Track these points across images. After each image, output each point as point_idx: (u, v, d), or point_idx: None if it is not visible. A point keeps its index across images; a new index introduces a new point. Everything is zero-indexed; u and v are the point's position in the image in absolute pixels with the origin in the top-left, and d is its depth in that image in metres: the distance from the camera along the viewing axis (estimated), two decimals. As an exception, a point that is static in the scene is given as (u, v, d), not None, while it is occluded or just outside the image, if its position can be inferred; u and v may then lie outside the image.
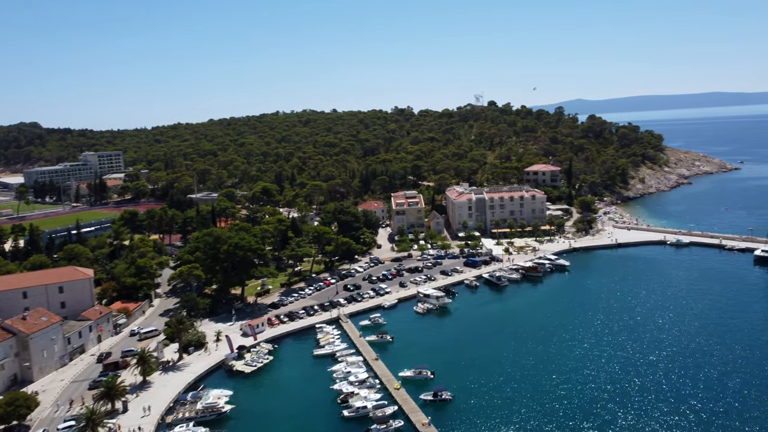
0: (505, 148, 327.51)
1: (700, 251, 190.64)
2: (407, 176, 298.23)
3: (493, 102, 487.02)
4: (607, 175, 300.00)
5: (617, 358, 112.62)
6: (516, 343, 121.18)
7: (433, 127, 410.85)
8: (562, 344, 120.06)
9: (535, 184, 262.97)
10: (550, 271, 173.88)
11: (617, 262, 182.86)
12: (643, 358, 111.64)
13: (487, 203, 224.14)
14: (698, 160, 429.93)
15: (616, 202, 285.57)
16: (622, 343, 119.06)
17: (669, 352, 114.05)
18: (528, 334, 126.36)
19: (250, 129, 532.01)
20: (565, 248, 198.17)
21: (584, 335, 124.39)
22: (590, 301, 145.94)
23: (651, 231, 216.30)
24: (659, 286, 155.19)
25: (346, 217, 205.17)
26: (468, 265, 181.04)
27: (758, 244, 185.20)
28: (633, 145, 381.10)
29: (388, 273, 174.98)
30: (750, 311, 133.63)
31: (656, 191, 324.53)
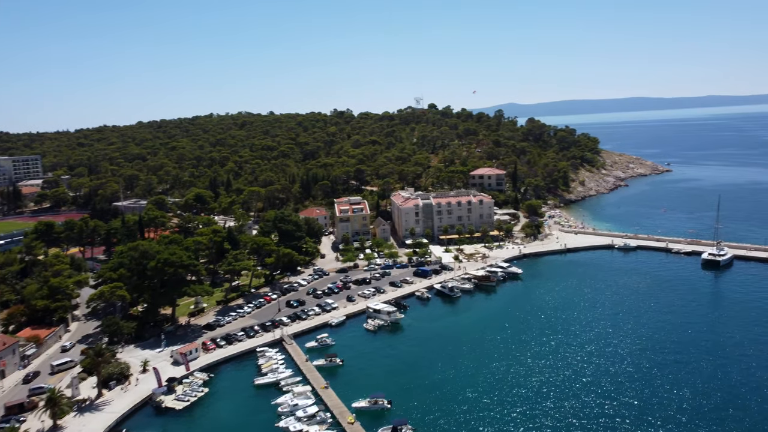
0: (449, 152, 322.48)
1: (647, 255, 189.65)
2: (350, 181, 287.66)
3: (434, 105, 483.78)
4: (549, 178, 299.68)
5: (580, 374, 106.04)
6: (475, 364, 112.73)
7: (374, 130, 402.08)
8: (522, 362, 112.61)
9: (481, 188, 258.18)
10: (503, 280, 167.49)
11: (568, 268, 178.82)
12: (608, 377, 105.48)
13: (435, 209, 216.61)
14: (632, 163, 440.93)
15: (559, 205, 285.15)
16: (585, 358, 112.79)
17: (630, 368, 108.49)
18: (486, 351, 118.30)
19: (182, 132, 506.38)
20: (515, 254, 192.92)
21: (544, 350, 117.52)
22: (546, 312, 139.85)
23: (598, 235, 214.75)
24: (613, 294, 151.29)
25: (287, 226, 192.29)
26: (418, 275, 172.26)
27: (704, 247, 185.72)
28: (571, 147, 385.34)
29: (333, 286, 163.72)
30: (702, 316, 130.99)
31: (596, 193, 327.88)
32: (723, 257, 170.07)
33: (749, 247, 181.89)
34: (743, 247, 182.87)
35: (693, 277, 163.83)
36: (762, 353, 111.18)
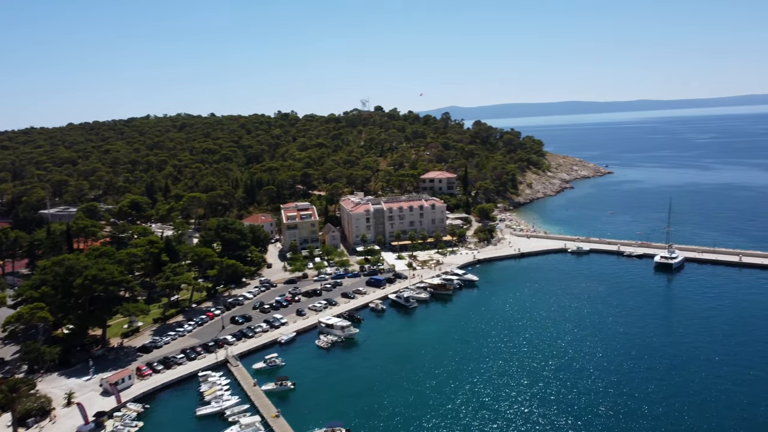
0: (398, 155, 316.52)
1: (600, 259, 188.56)
2: (296, 185, 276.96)
3: (380, 107, 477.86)
4: (498, 181, 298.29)
5: (548, 393, 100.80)
6: (437, 383, 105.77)
7: (320, 132, 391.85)
8: (487, 379, 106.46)
9: (431, 192, 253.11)
10: (459, 288, 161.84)
11: (523, 273, 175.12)
12: (576, 393, 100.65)
13: (386, 214, 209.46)
14: (575, 165, 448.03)
15: (508, 207, 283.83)
16: (551, 375, 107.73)
17: (595, 383, 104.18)
18: (447, 368, 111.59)
19: (116, 134, 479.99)
20: (469, 260, 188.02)
21: (507, 367, 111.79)
22: (505, 323, 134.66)
23: (550, 239, 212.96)
24: (570, 301, 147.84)
25: (230, 235, 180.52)
26: (371, 285, 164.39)
27: (655, 250, 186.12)
28: (518, 150, 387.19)
29: (282, 299, 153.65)
30: (662, 324, 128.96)
31: (543, 196, 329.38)
32: (675, 260, 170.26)
33: (698, 249, 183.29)
34: (692, 249, 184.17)
35: (647, 281, 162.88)
36: (725, 361, 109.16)
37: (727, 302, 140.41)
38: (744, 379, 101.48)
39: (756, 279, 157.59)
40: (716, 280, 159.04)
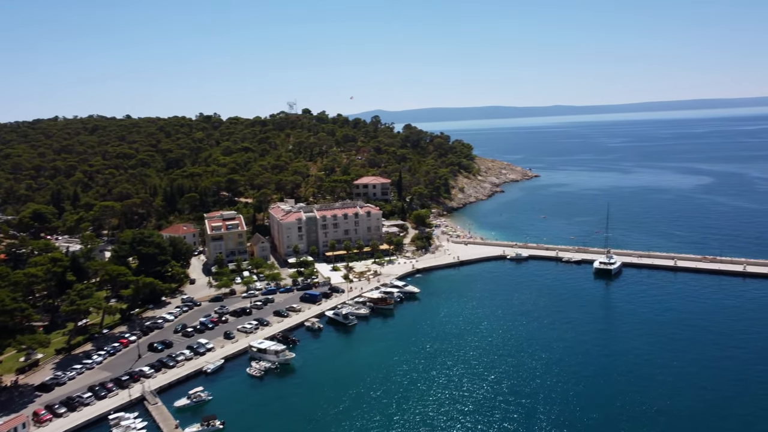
0: (329, 159, 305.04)
1: (539, 265, 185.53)
2: (221, 192, 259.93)
3: (308, 110, 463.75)
4: (432, 185, 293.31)
5: (504, 419, 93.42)
6: (383, 411, 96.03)
7: (246, 136, 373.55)
8: (438, 407, 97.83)
9: (366, 198, 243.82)
10: (400, 301, 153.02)
11: (464, 283, 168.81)
12: (523, 414, 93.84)
13: (319, 222, 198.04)
14: (504, 168, 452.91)
15: (442, 213, 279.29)
16: (502, 399, 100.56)
17: (547, 406, 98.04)
18: (394, 395, 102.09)
19: (18, 137, 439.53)
20: (408, 270, 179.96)
21: (459, 393, 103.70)
22: (450, 339, 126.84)
23: (488, 245, 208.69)
24: (514, 313, 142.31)
25: (148, 249, 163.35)
26: (306, 301, 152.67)
27: (593, 255, 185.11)
28: (448, 154, 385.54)
29: (207, 320, 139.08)
30: (607, 333, 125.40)
31: (475, 200, 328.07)
32: (613, 266, 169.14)
33: (634, 254, 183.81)
34: (628, 254, 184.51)
35: (588, 288, 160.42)
36: (670, 370, 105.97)
37: (667, 308, 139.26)
38: (690, 386, 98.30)
39: (691, 283, 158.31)
40: (654, 285, 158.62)
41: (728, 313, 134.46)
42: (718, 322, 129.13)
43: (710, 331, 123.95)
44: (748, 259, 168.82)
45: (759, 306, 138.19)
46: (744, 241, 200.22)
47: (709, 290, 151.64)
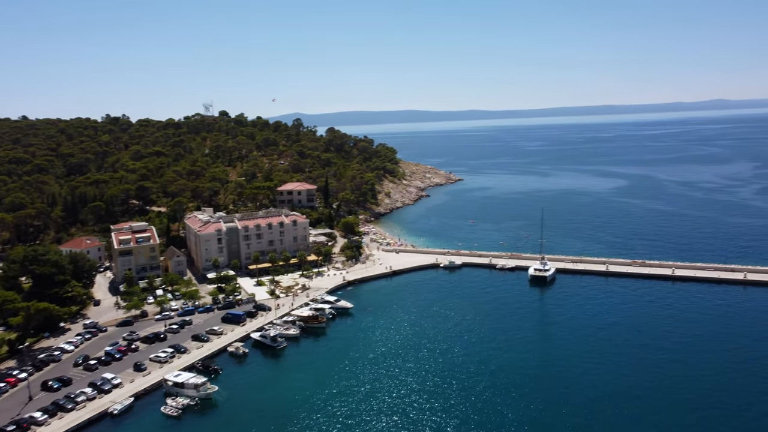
0: (249, 164, 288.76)
1: (473, 273, 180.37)
2: (131, 201, 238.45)
3: (225, 112, 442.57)
4: (358, 191, 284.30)
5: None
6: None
7: (158, 139, 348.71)
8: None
9: (291, 205, 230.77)
10: (332, 318, 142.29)
11: (399, 296, 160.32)
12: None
13: (241, 233, 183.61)
14: (428, 172, 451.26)
15: (370, 219, 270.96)
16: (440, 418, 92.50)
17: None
18: (332, 430, 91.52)
19: None
20: (339, 282, 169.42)
21: (401, 421, 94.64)
22: (389, 361, 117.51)
23: (420, 253, 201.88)
24: (452, 327, 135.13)
25: (43, 268, 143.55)
26: (228, 321, 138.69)
27: (527, 261, 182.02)
28: (373, 158, 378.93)
29: (114, 349, 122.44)
30: (548, 347, 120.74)
31: (402, 205, 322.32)
32: (548, 273, 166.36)
33: (566, 259, 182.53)
34: (561, 259, 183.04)
35: (524, 297, 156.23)
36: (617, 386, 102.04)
37: (605, 317, 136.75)
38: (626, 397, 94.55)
39: (623, 288, 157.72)
40: (589, 292, 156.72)
41: (662, 318, 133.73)
42: (655, 328, 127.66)
43: (650, 339, 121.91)
44: (675, 263, 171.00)
45: (690, 309, 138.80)
46: (667, 244, 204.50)
47: (641, 295, 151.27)
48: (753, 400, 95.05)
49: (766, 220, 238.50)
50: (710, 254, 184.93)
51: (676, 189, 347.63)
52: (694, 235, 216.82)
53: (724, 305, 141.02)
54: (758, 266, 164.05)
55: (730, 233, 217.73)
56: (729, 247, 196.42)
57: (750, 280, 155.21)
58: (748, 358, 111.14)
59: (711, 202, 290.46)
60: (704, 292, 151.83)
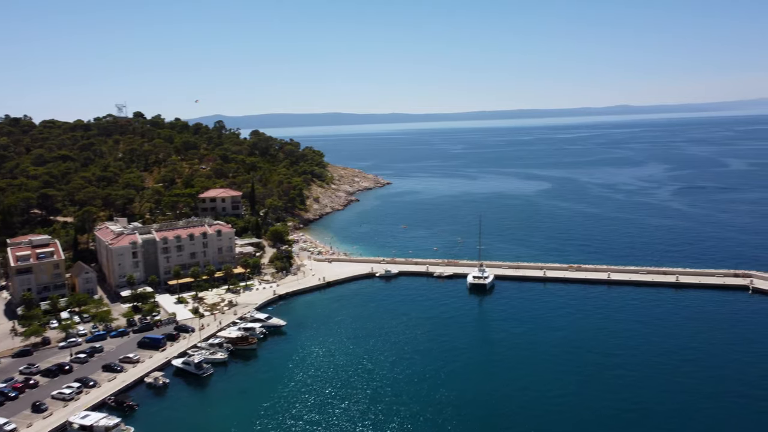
0: (168, 169, 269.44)
1: (411, 282, 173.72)
2: (32, 210, 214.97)
3: (140, 113, 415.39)
4: (286, 197, 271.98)
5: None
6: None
7: (64, 142, 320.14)
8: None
9: (214, 214, 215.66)
10: (264, 338, 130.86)
11: (334, 309, 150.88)
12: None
13: (159, 245, 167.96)
14: (356, 176, 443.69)
15: (299, 226, 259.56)
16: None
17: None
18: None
19: None
20: (269, 297, 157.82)
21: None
22: (328, 387, 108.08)
23: (354, 261, 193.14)
24: (391, 340, 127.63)
25: None
26: (146, 347, 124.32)
27: (464, 268, 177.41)
28: (300, 162, 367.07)
29: (8, 387, 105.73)
30: (483, 354, 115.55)
31: (332, 210, 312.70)
32: (487, 280, 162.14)
33: (504, 265, 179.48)
34: (498, 265, 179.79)
35: (464, 306, 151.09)
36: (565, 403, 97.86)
37: (545, 324, 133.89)
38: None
39: (561, 294, 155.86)
40: (528, 298, 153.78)
41: (602, 324, 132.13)
42: (597, 336, 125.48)
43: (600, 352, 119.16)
44: (610, 267, 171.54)
45: (627, 313, 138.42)
46: (599, 247, 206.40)
47: (580, 301, 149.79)
48: (677, 399, 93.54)
49: (686, 221, 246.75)
50: (640, 256, 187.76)
51: (598, 191, 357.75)
52: (622, 238, 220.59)
53: (659, 308, 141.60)
54: (688, 268, 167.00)
55: (655, 235, 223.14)
56: (657, 249, 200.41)
57: (682, 283, 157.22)
58: (685, 358, 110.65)
59: (632, 204, 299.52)
60: (639, 295, 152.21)
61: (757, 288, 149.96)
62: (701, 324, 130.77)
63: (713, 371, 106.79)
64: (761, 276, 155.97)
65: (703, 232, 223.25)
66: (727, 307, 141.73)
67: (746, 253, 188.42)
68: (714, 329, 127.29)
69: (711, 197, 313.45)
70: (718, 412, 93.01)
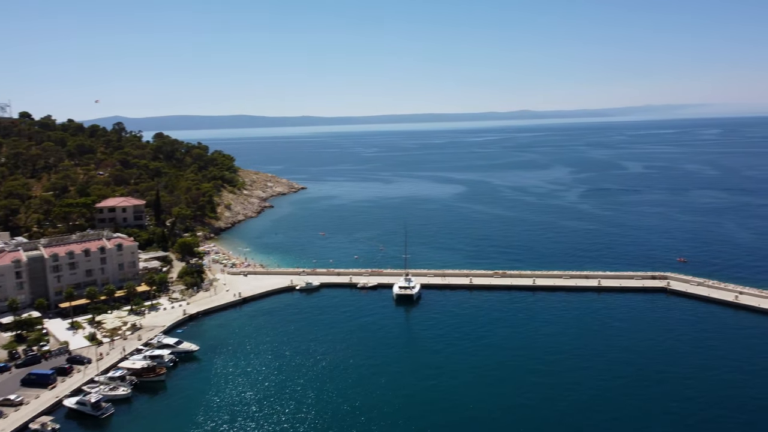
0: (59, 176, 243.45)
1: (333, 294, 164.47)
2: None
3: (27, 113, 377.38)
4: (195, 204, 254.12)
5: None
6: None
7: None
8: None
9: (114, 225, 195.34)
10: (174, 366, 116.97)
11: (252, 327, 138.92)
12: None
13: (49, 263, 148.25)
14: (270, 181, 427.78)
15: (210, 236, 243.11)
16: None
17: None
18: None
19: None
20: (178, 318, 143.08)
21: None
22: (249, 418, 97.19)
23: (272, 274, 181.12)
24: (316, 362, 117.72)
25: None
26: (32, 384, 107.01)
27: (389, 278, 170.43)
28: (209, 167, 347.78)
29: None
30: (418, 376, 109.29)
31: (245, 218, 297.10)
32: (414, 290, 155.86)
33: (429, 274, 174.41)
34: (423, 273, 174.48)
35: (391, 318, 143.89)
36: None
37: (475, 334, 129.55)
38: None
39: (489, 301, 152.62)
40: (456, 308, 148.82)
41: (530, 331, 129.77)
42: (526, 344, 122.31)
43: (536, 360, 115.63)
44: (535, 272, 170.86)
45: (555, 318, 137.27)
46: (520, 251, 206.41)
47: (507, 308, 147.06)
48: (613, 401, 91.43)
49: (598, 224, 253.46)
50: (561, 260, 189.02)
51: (512, 194, 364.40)
52: (542, 241, 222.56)
53: (585, 313, 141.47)
54: (609, 272, 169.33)
55: (572, 238, 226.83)
56: (575, 252, 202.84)
57: (604, 287, 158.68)
58: (616, 360, 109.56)
59: (546, 207, 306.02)
60: (565, 301, 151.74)
61: (673, 289, 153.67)
62: (627, 327, 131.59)
63: (641, 372, 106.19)
64: (676, 277, 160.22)
65: (617, 234, 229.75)
66: (648, 309, 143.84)
67: (659, 254, 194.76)
68: (637, 330, 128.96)
69: (617, 199, 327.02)
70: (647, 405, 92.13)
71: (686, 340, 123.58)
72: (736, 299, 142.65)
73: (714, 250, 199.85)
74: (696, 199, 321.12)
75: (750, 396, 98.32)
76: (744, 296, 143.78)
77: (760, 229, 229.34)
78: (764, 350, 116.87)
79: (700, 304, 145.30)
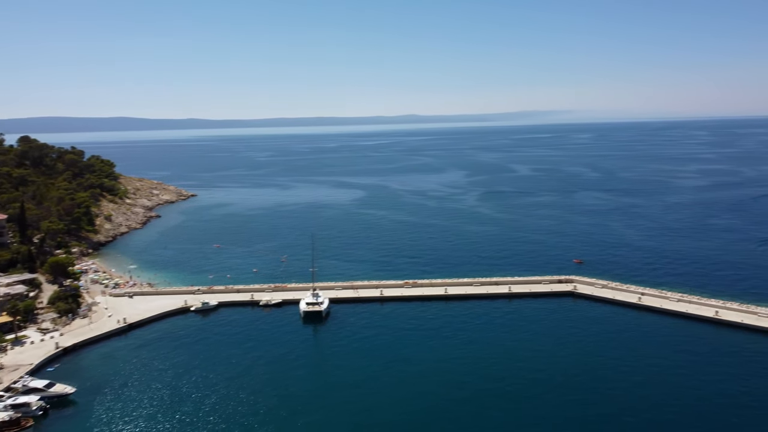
0: None
1: (233, 314, 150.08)
2: None
3: None
4: (69, 217, 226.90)
5: None
6: None
7: None
8: None
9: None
10: (44, 414, 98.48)
11: (140, 360, 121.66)
12: None
13: None
14: (155, 188, 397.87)
15: (87, 252, 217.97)
16: None
17: None
18: None
19: None
20: (50, 353, 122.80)
21: None
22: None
23: (162, 294, 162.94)
24: (218, 395, 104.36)
25: None
26: None
27: (294, 293, 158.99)
28: (86, 174, 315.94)
29: None
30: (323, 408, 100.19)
31: (128, 230, 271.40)
32: (323, 306, 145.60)
33: (337, 286, 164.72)
34: (330, 286, 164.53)
35: (298, 340, 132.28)
36: None
37: (389, 353, 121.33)
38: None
39: (400, 314, 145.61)
40: (367, 323, 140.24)
41: (445, 344, 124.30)
42: (438, 359, 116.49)
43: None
44: (446, 280, 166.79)
45: (468, 328, 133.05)
46: (428, 258, 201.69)
47: (419, 320, 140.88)
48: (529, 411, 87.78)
49: (499, 227, 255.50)
50: (468, 267, 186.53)
51: (411, 198, 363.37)
52: (447, 247, 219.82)
53: (497, 321, 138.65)
54: (517, 277, 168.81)
55: (476, 242, 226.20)
56: (482, 258, 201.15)
57: (514, 293, 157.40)
58: (534, 368, 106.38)
59: (446, 211, 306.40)
60: (477, 309, 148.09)
61: (580, 293, 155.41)
62: (537, 333, 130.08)
63: (550, 378, 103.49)
64: (581, 281, 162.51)
65: (519, 238, 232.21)
66: (556, 313, 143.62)
67: (561, 256, 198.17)
68: (543, 335, 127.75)
69: (512, 202, 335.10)
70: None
71: (591, 342, 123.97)
72: (639, 300, 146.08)
73: (607, 250, 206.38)
74: (583, 200, 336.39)
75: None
76: (646, 297, 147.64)
77: (647, 229, 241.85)
78: (669, 351, 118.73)
79: (606, 307, 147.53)
